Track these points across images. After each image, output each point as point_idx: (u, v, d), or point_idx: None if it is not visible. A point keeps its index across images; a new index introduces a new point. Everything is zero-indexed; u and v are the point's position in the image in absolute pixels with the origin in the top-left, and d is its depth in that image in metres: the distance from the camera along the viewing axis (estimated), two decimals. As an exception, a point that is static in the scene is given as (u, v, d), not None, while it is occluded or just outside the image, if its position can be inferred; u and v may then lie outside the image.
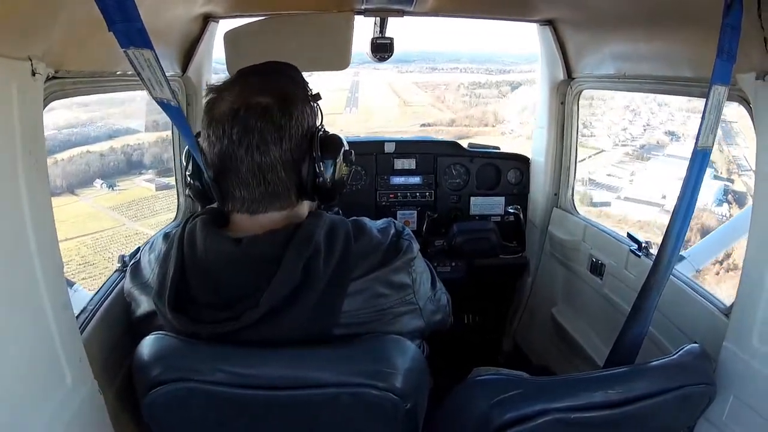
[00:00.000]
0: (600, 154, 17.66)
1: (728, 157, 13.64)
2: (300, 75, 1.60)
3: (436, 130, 27.43)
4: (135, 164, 13.96)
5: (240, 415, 1.45)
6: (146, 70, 1.28)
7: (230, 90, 1.47)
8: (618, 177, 16.33)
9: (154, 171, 13.91)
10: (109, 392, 1.65)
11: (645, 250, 2.59)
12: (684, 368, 1.66)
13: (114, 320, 1.82)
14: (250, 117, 1.42)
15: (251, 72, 1.56)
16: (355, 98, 28.68)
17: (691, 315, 2.14)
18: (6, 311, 1.22)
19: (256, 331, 1.38)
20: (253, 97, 1.44)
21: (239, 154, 1.43)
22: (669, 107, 17.38)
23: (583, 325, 3.16)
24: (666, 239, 1.87)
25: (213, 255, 1.43)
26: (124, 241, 11.83)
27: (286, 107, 1.46)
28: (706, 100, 1.68)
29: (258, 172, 1.45)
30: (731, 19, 1.58)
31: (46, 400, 1.34)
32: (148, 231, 11.94)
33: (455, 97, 32.65)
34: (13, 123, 1.22)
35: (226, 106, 1.44)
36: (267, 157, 1.44)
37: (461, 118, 29.88)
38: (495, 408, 1.48)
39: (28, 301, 1.30)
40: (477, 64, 35.02)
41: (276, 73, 1.55)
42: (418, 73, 33.50)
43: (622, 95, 17.38)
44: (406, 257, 1.56)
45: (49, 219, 1.37)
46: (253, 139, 1.42)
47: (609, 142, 18.23)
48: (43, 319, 1.34)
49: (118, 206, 13.20)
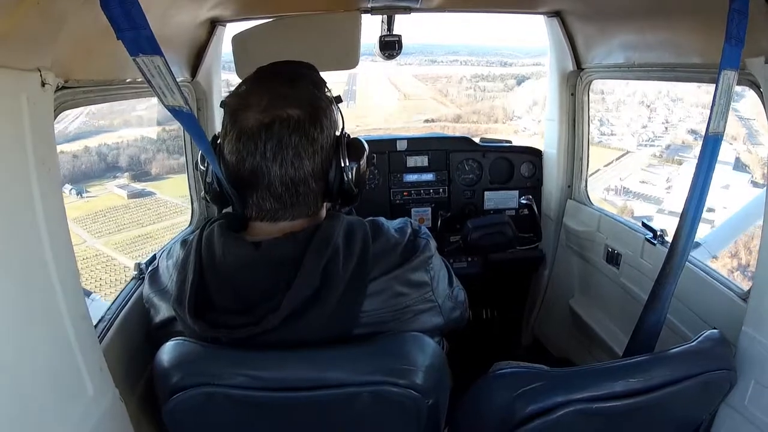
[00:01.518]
0: (626, 157, 16.89)
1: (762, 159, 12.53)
2: (320, 76, 1.59)
3: (442, 126, 26.46)
4: (110, 167, 13.28)
5: (261, 417, 1.46)
6: (156, 78, 1.27)
7: (254, 96, 1.45)
8: (653, 184, 15.21)
9: (129, 175, 13.33)
10: (130, 400, 1.66)
11: (660, 238, 2.58)
12: (704, 354, 1.66)
13: (133, 328, 1.83)
14: (284, 131, 1.41)
15: (273, 75, 1.54)
16: (352, 91, 27.90)
17: (709, 301, 2.14)
18: (25, 324, 1.23)
19: (276, 334, 1.38)
20: (284, 109, 1.42)
21: (273, 170, 1.42)
22: (683, 102, 16.88)
23: (601, 315, 3.15)
24: (680, 226, 1.86)
25: (231, 259, 1.43)
26: (82, 264, 9.86)
27: (317, 118, 1.45)
28: (716, 86, 1.67)
29: (291, 185, 1.45)
30: (738, 4, 1.58)
31: (69, 412, 1.35)
32: (109, 252, 11.32)
33: (458, 90, 31.76)
34: (24, 134, 1.22)
35: (255, 119, 1.42)
36: (301, 171, 1.44)
37: (468, 113, 28.91)
38: (517, 401, 1.48)
39: (46, 312, 1.30)
40: (476, 56, 34.65)
41: (300, 78, 1.53)
42: (417, 66, 32.91)
43: (633, 89, 17.07)
44: (424, 255, 1.56)
45: (63, 228, 1.37)
46: (287, 155, 1.41)
47: (633, 142, 17.42)
48: (62, 330, 1.34)
49: (83, 218, 12.14)
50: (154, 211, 13.15)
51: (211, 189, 1.56)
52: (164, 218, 12.83)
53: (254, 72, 1.57)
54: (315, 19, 2.76)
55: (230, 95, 1.52)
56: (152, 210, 13.17)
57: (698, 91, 13.35)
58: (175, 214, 12.69)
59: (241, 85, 1.53)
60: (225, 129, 1.47)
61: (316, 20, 2.75)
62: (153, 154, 13.64)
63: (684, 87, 14.98)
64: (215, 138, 1.53)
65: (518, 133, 23.89)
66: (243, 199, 1.50)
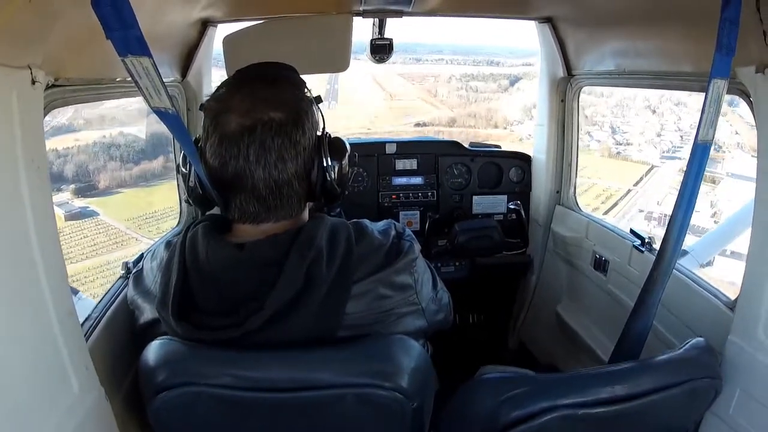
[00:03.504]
0: (653, 173, 16.07)
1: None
2: (299, 77, 1.58)
3: (435, 130, 25.49)
4: (55, 177, 11.14)
5: (246, 417, 1.45)
6: (144, 79, 1.27)
7: (235, 100, 1.45)
8: (696, 211, 13.37)
9: (74, 189, 12.30)
10: (115, 398, 1.65)
11: (648, 246, 2.60)
12: (689, 362, 1.66)
13: (119, 327, 1.82)
14: (266, 134, 1.40)
15: (253, 77, 1.53)
16: (334, 90, 26.98)
17: (696, 309, 2.14)
18: (11, 320, 1.22)
19: (259, 336, 1.38)
20: (265, 112, 1.41)
21: (256, 173, 1.42)
22: (687, 107, 16.30)
23: (587, 321, 3.16)
24: (668, 234, 1.87)
25: (215, 261, 1.43)
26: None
27: (299, 120, 1.45)
28: (706, 94, 1.68)
29: (275, 187, 1.45)
30: (729, 13, 1.58)
31: (53, 409, 1.34)
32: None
33: (449, 90, 31.24)
34: (14, 131, 1.22)
35: (236, 123, 1.41)
36: (284, 173, 1.44)
37: (463, 116, 28.09)
38: (502, 406, 1.48)
39: (33, 309, 1.30)
40: (462, 55, 34.32)
41: (280, 80, 1.52)
42: (402, 65, 32.51)
43: (634, 92, 16.64)
44: (408, 258, 1.56)
45: (51, 227, 1.36)
46: (271, 158, 1.41)
47: (654, 154, 16.64)
48: (49, 328, 1.33)
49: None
50: (90, 240, 11.81)
51: (194, 192, 1.56)
52: (100, 251, 11.60)
53: (233, 74, 1.56)
54: (307, 21, 2.76)
55: (210, 99, 1.51)
56: (88, 239, 11.80)
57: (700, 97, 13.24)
58: (115, 246, 11.57)
59: (220, 88, 1.52)
60: (207, 133, 1.47)
61: (307, 22, 2.75)
62: (104, 162, 12.88)
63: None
64: (197, 141, 1.52)
65: (523, 141, 21.95)
66: (226, 201, 1.49)
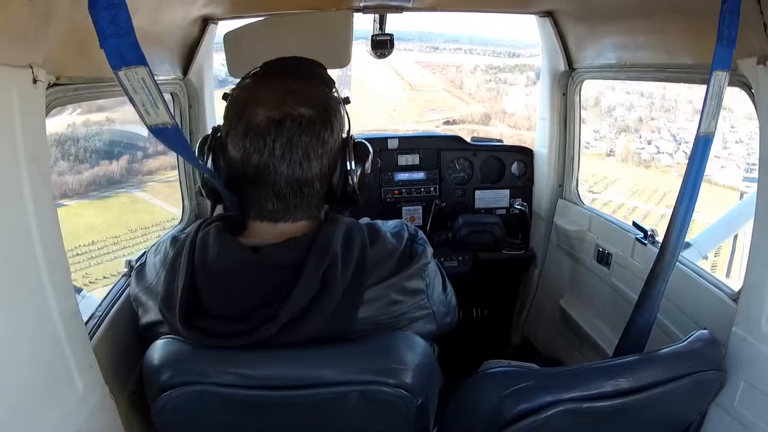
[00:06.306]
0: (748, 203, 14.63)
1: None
2: (328, 74, 1.57)
3: (469, 130, 23.26)
4: None
5: (250, 416, 1.45)
6: (140, 93, 1.25)
7: (264, 91, 1.44)
8: None
9: None
10: (120, 398, 1.65)
11: (651, 238, 2.59)
12: (694, 355, 1.66)
13: (123, 325, 1.82)
14: (294, 130, 1.39)
15: (284, 70, 1.52)
16: (347, 77, 25.35)
17: (699, 301, 2.14)
18: (15, 320, 1.22)
19: (271, 341, 1.36)
20: (295, 107, 1.39)
21: (280, 169, 1.41)
22: (693, 104, 15.73)
23: (591, 314, 3.16)
24: (671, 226, 1.87)
25: (227, 262, 1.40)
26: None
27: (327, 119, 1.44)
28: (707, 87, 1.68)
29: (296, 186, 1.44)
30: (730, 5, 1.58)
31: (58, 408, 1.34)
32: None
33: (476, 83, 30.01)
34: (15, 131, 1.21)
35: (264, 115, 1.39)
36: (308, 172, 1.43)
37: (498, 113, 26.06)
38: (506, 400, 1.48)
39: (37, 308, 1.29)
40: (479, 45, 33.65)
41: (311, 76, 1.52)
42: (419, 53, 31.82)
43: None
44: (421, 263, 1.54)
45: (54, 226, 1.36)
46: (296, 155, 1.40)
47: (737, 175, 15.66)
48: (53, 327, 1.33)
49: None
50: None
51: (208, 183, 1.54)
52: None
53: (262, 65, 1.54)
54: (307, 17, 2.75)
55: (237, 88, 1.49)
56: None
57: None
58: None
59: (245, 78, 1.51)
60: (230, 123, 1.44)
61: (308, 18, 2.74)
62: (54, 161, 11.32)
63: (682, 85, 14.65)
64: (215, 131, 1.51)
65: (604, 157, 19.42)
66: (242, 197, 1.48)
